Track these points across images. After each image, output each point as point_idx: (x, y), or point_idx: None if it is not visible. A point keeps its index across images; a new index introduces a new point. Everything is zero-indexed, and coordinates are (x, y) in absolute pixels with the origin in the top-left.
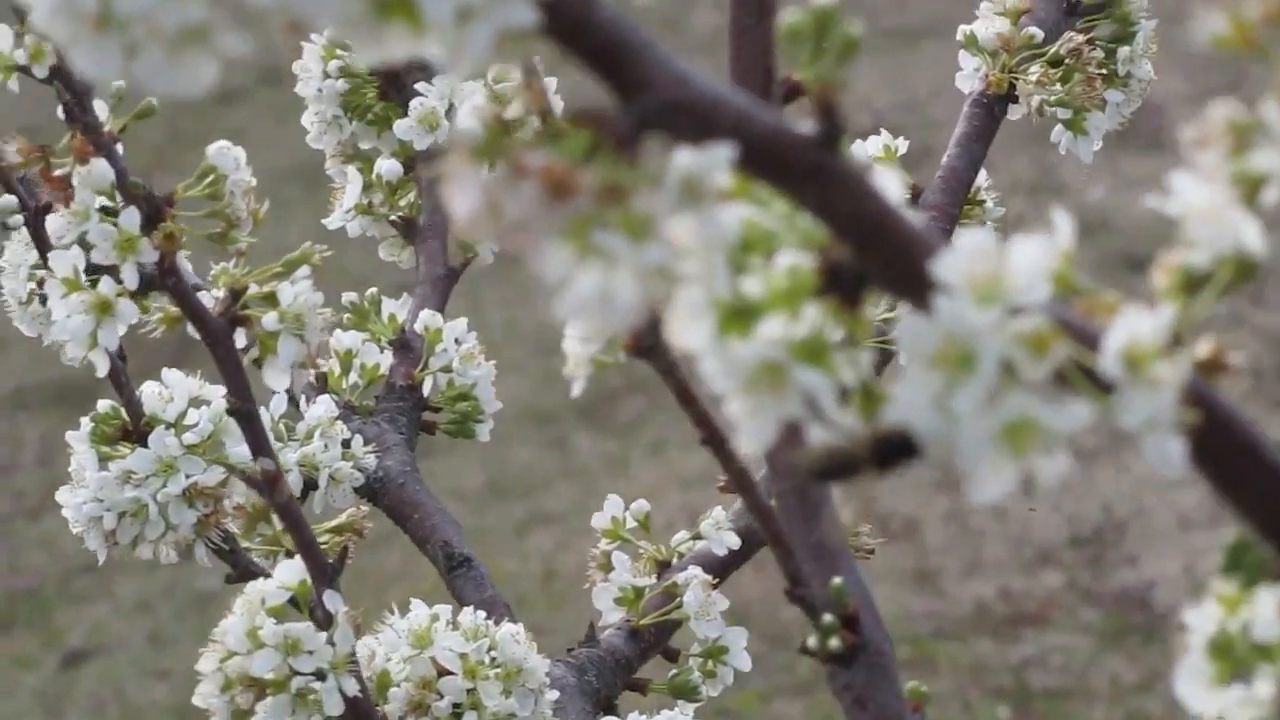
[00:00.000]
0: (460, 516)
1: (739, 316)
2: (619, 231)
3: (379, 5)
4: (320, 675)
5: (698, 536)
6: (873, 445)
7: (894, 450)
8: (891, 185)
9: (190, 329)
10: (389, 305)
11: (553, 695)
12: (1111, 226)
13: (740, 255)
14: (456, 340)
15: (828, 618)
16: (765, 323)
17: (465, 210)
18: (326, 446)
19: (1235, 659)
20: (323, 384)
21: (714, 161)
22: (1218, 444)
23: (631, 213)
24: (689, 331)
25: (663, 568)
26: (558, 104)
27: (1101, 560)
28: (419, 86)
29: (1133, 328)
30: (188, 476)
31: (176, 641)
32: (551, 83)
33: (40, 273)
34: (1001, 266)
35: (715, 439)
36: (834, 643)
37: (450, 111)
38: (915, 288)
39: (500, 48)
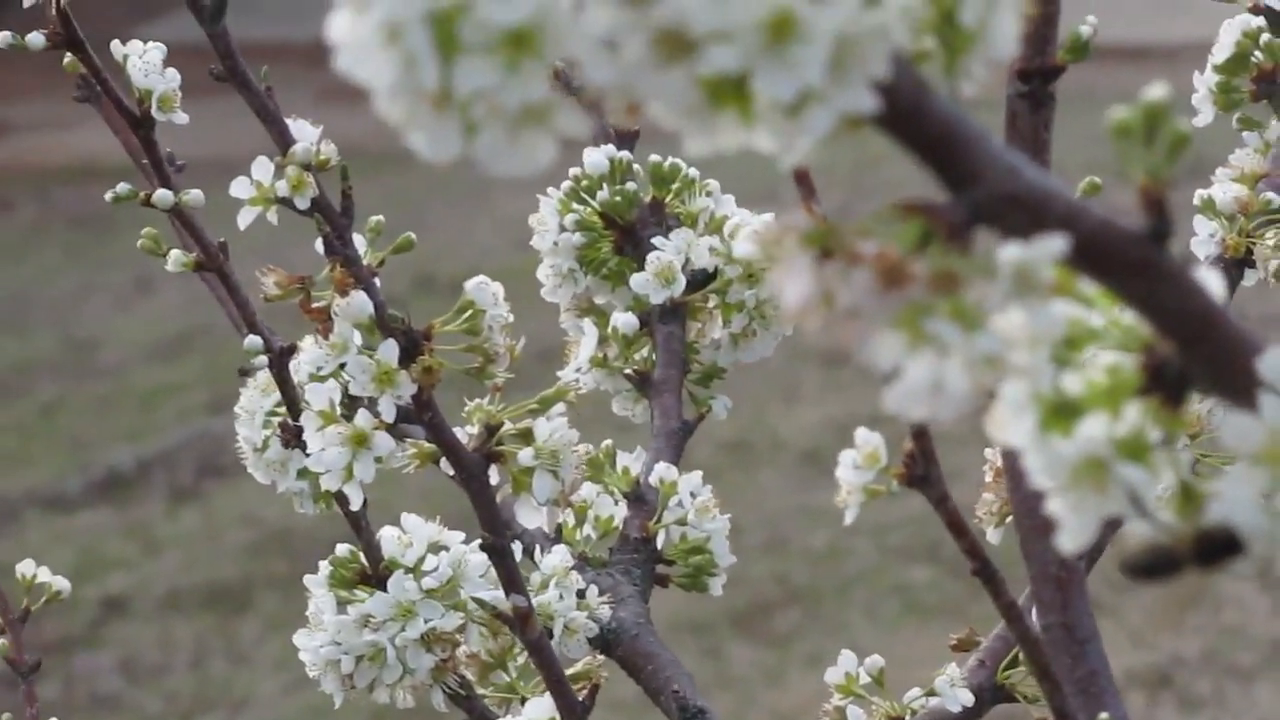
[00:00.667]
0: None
1: (1061, 413)
2: (950, 321)
3: (714, 90)
4: None
5: (931, 693)
6: (1195, 542)
7: (1218, 547)
8: (1215, 283)
9: (444, 464)
10: (624, 458)
11: None
12: None
13: (1064, 352)
14: (691, 494)
15: None
16: (1087, 420)
17: (797, 297)
18: (562, 596)
19: None
20: (558, 535)
21: (1046, 253)
22: None
23: (963, 303)
24: (1012, 427)
25: None
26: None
27: None
28: (655, 240)
29: None
30: (426, 621)
31: None
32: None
33: (277, 419)
34: None
35: (986, 570)
36: None
37: (686, 265)
38: (1240, 386)
39: (834, 136)
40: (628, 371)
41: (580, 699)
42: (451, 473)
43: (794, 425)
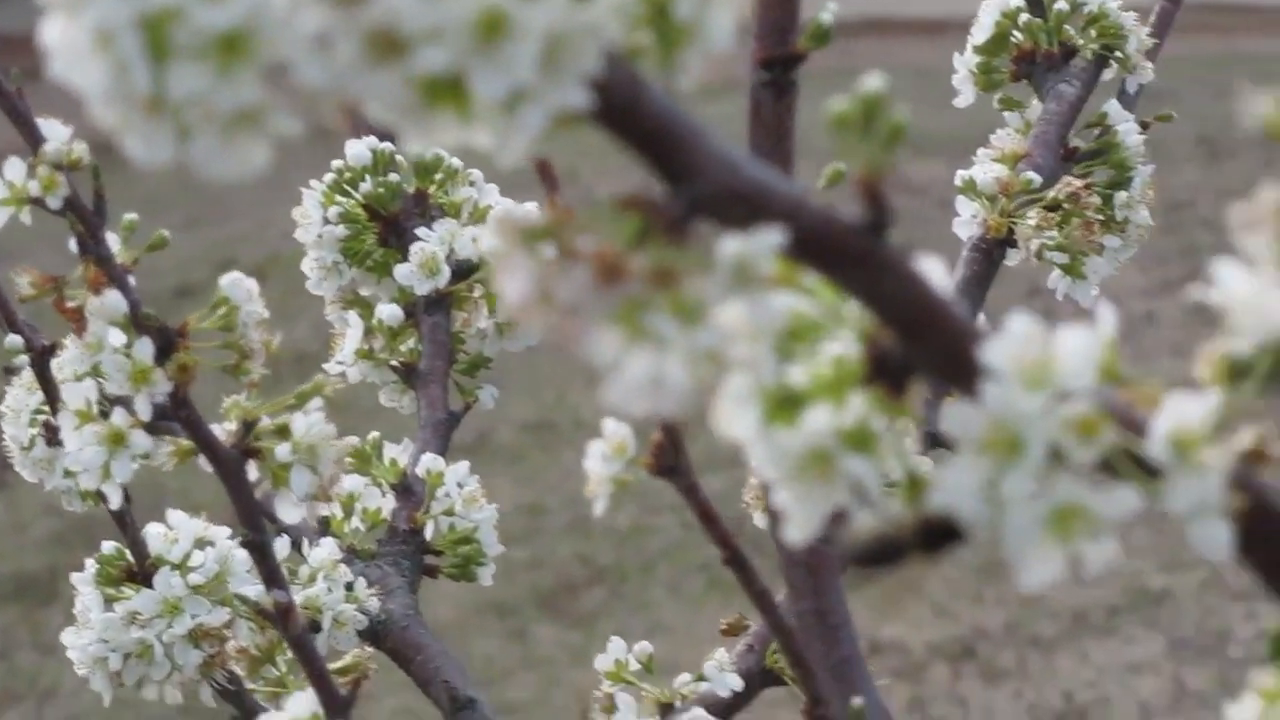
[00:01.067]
0: (422, 710)
1: (785, 405)
2: (670, 315)
3: (429, 89)
4: None
5: (700, 679)
6: (918, 530)
7: (939, 535)
8: (937, 272)
9: (201, 461)
10: (390, 449)
11: None
12: None
13: (787, 343)
14: (458, 484)
15: None
16: (811, 411)
17: (516, 294)
18: (330, 589)
19: None
20: (325, 528)
21: (764, 246)
22: (1264, 530)
23: (682, 297)
24: (736, 420)
25: (665, 710)
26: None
27: None
28: (419, 232)
29: (1181, 413)
30: (193, 617)
31: None
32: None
33: (42, 417)
34: (1049, 353)
35: (737, 559)
36: None
37: (450, 256)
38: (963, 374)
39: (550, 133)
40: (394, 363)
41: (344, 692)
42: (210, 469)
43: (596, 406)
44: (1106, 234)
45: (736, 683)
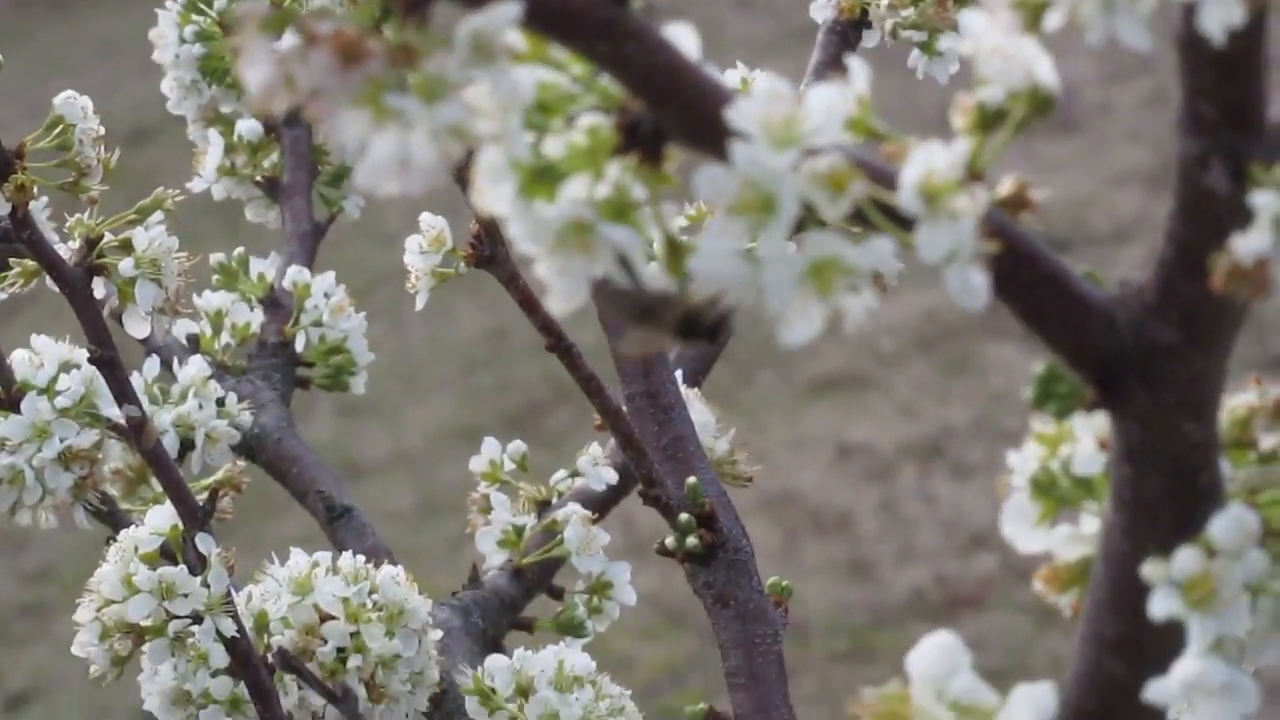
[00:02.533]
0: (394, 537)
1: (542, 178)
2: (412, 94)
3: None
4: (197, 618)
5: (576, 474)
6: (680, 322)
7: (696, 333)
8: (685, 38)
9: (48, 281)
10: (258, 264)
11: (437, 635)
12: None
13: (540, 117)
14: (326, 294)
15: (684, 517)
16: (568, 183)
17: (259, 83)
18: (201, 406)
19: (1060, 496)
20: (195, 345)
21: (501, 19)
22: (1021, 274)
23: (424, 75)
24: (491, 195)
25: (542, 507)
26: None
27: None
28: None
29: (928, 161)
30: (62, 440)
31: (116, 681)
32: None
33: None
34: (797, 111)
35: (561, 345)
36: (691, 541)
37: None
38: (713, 137)
39: None
40: (257, 179)
41: (201, 504)
42: (57, 289)
43: None
44: (961, 9)
45: (612, 476)
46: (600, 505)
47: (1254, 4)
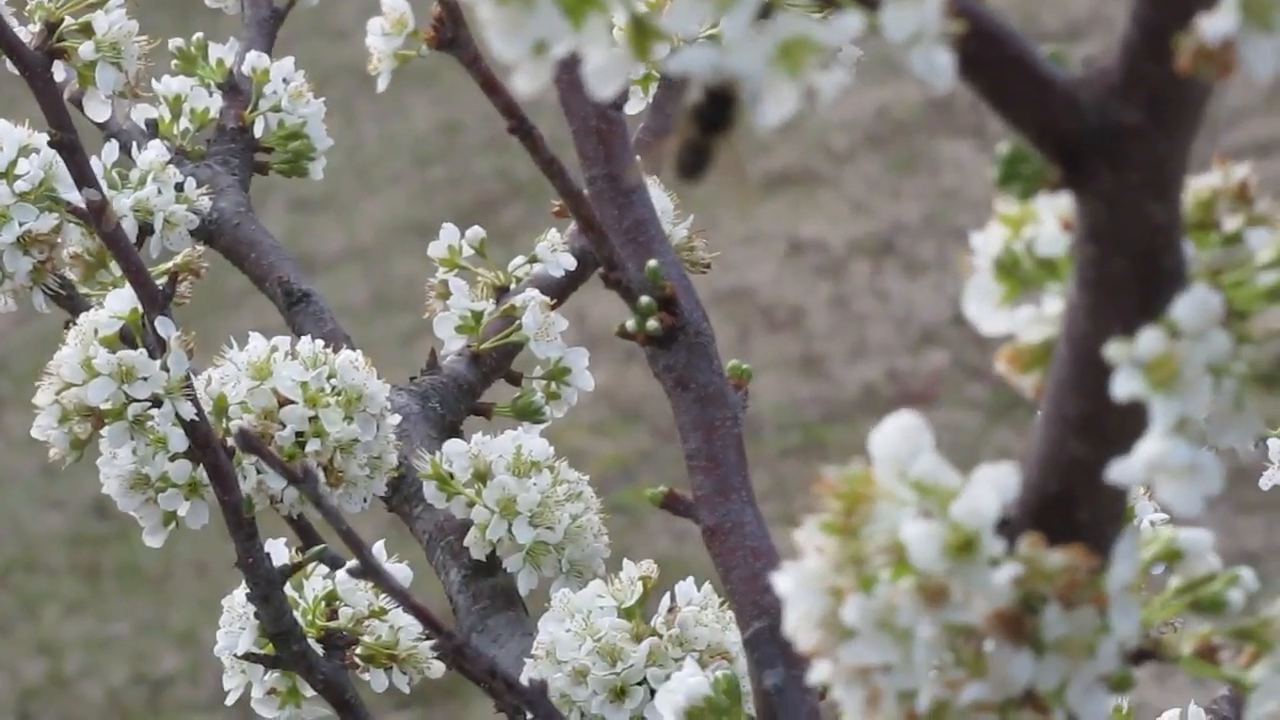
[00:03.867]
0: (346, 330)
1: None
2: None
3: None
4: (156, 402)
5: (534, 260)
6: (694, 116)
7: (713, 107)
8: None
9: (8, 64)
10: (216, 50)
11: (395, 419)
12: None
13: None
14: (284, 80)
15: (645, 300)
16: None
17: None
18: (160, 191)
19: (1023, 277)
20: (154, 130)
21: None
22: (986, 55)
23: None
24: None
25: (501, 292)
26: None
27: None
28: None
29: None
30: (21, 224)
31: (69, 472)
32: None
33: None
34: None
35: (523, 128)
36: (652, 324)
37: None
38: None
39: None
40: None
41: (161, 287)
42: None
43: None
44: None
45: (570, 262)
46: (558, 291)
47: None
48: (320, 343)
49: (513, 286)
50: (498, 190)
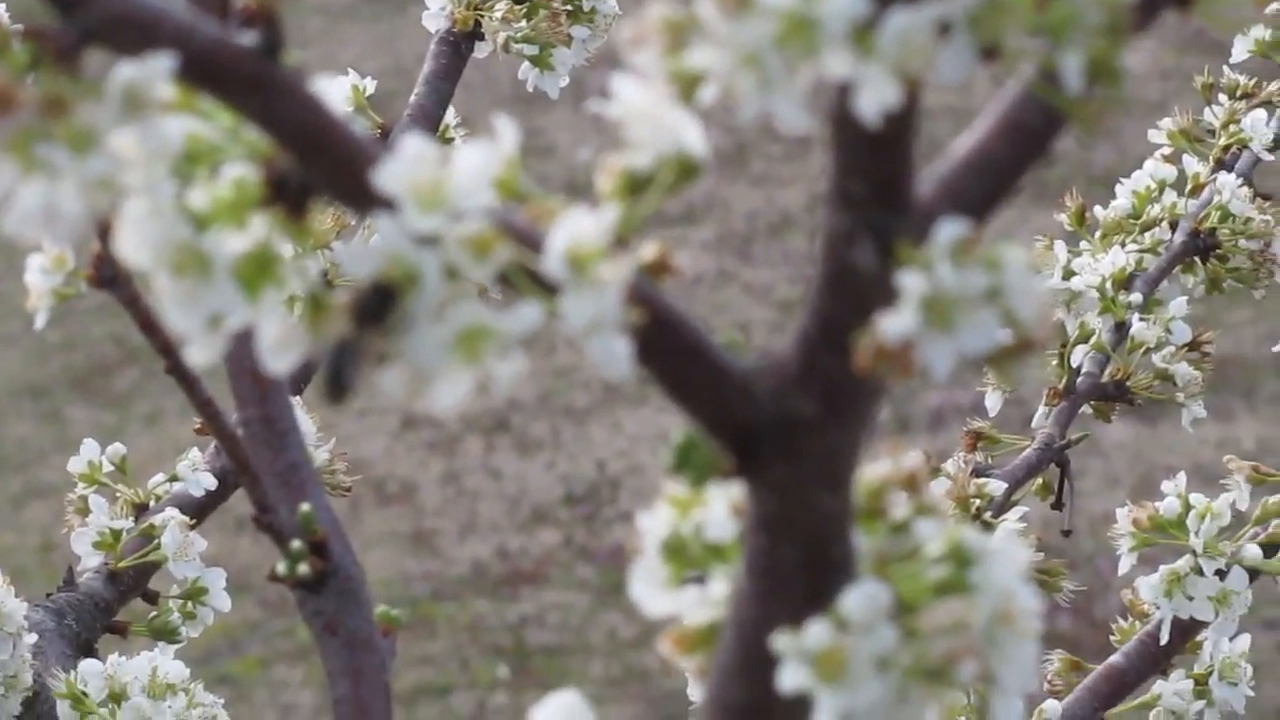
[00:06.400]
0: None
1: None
2: (62, 145)
3: None
4: None
5: (174, 479)
6: (355, 311)
7: (373, 304)
8: (334, 94)
9: None
10: None
11: (31, 639)
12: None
13: (186, 167)
14: None
15: (296, 544)
16: (213, 234)
17: None
18: None
19: (689, 559)
20: None
21: (154, 72)
22: (664, 343)
23: (74, 126)
24: (133, 246)
25: (141, 510)
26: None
27: (596, 517)
28: None
29: (575, 229)
30: None
31: None
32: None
33: None
34: (443, 173)
35: (179, 369)
36: (303, 568)
37: None
38: (360, 196)
39: None
40: None
41: None
42: None
43: None
44: (574, 24)
45: (210, 482)
46: (198, 510)
47: (908, 85)
48: None
49: (153, 504)
50: (113, 355)
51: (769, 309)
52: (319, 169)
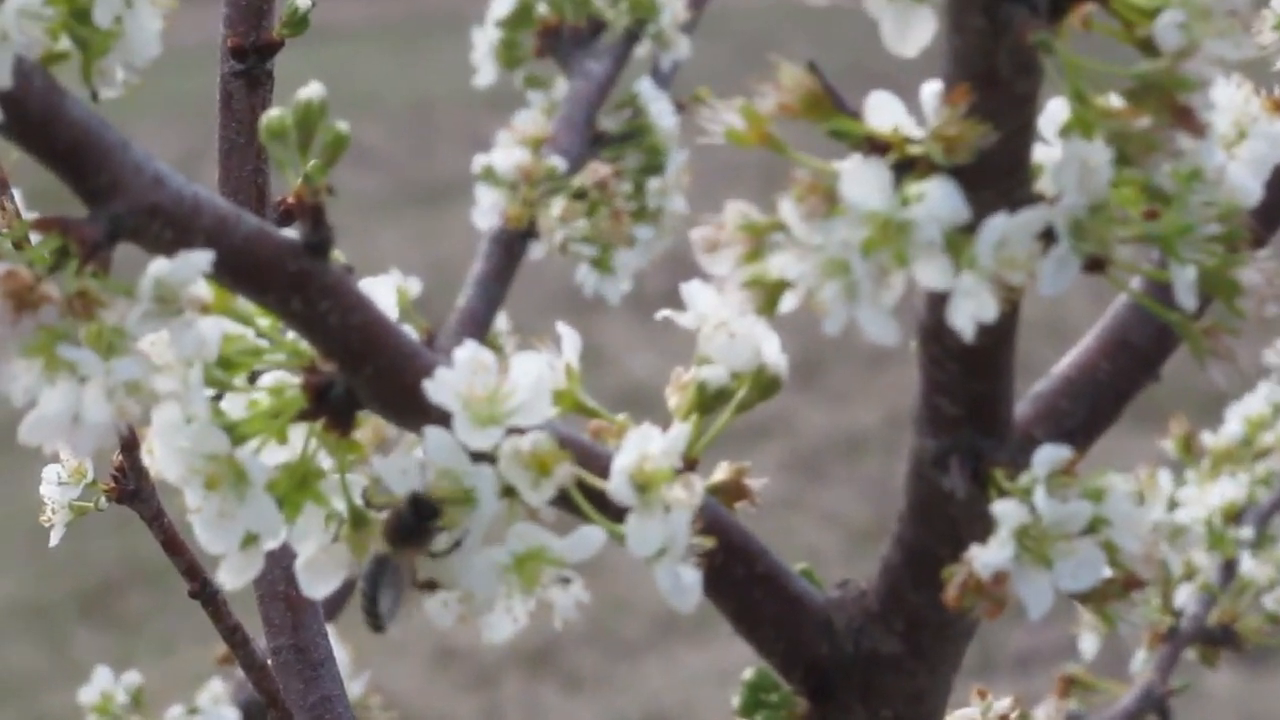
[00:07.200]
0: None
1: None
2: (89, 346)
3: None
4: None
5: (194, 711)
6: (390, 533)
7: (411, 524)
8: (383, 294)
9: None
10: None
11: None
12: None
13: (223, 373)
14: None
15: None
16: (250, 446)
17: None
18: None
19: None
20: None
21: (190, 268)
22: (737, 573)
23: (102, 326)
24: (164, 459)
25: None
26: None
27: None
28: None
29: (642, 447)
30: None
31: None
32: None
33: None
34: (500, 384)
35: (206, 592)
36: None
37: None
38: (411, 408)
39: None
40: None
41: None
42: None
43: None
44: (638, 224)
45: (233, 716)
46: None
47: (1008, 298)
48: None
49: None
50: (121, 575)
51: (841, 537)
52: (365, 377)
